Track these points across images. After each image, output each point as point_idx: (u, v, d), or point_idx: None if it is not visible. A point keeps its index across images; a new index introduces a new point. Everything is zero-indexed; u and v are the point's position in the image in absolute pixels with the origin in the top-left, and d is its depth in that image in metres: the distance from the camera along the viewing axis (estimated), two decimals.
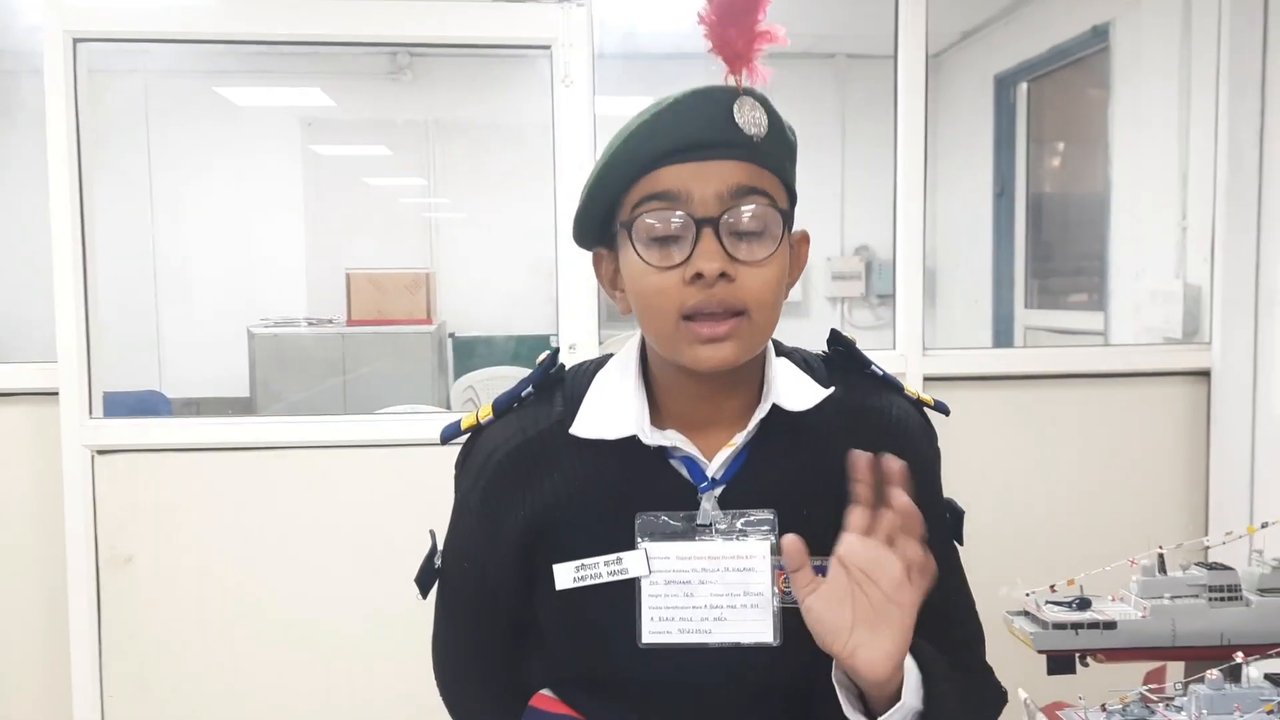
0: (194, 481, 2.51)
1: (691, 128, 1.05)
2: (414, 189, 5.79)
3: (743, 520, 1.11)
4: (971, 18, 4.38)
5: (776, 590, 1.10)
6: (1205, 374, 2.76)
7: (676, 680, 1.11)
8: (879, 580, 1.00)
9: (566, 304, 2.56)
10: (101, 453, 2.47)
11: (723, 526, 1.11)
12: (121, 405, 3.85)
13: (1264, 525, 1.60)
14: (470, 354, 4.97)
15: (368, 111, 5.50)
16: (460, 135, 5.53)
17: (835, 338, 1.24)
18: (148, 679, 2.51)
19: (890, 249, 2.73)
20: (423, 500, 2.47)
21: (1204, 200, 2.78)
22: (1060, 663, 1.60)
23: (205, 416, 4.35)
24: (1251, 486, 2.69)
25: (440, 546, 1.24)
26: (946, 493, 1.30)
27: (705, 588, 1.10)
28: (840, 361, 1.22)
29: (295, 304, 5.30)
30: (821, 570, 1.06)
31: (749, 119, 1.06)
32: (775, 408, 1.12)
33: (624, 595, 1.10)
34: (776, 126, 1.08)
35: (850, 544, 1.02)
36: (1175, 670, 1.77)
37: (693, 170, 1.04)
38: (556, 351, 1.22)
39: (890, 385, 1.22)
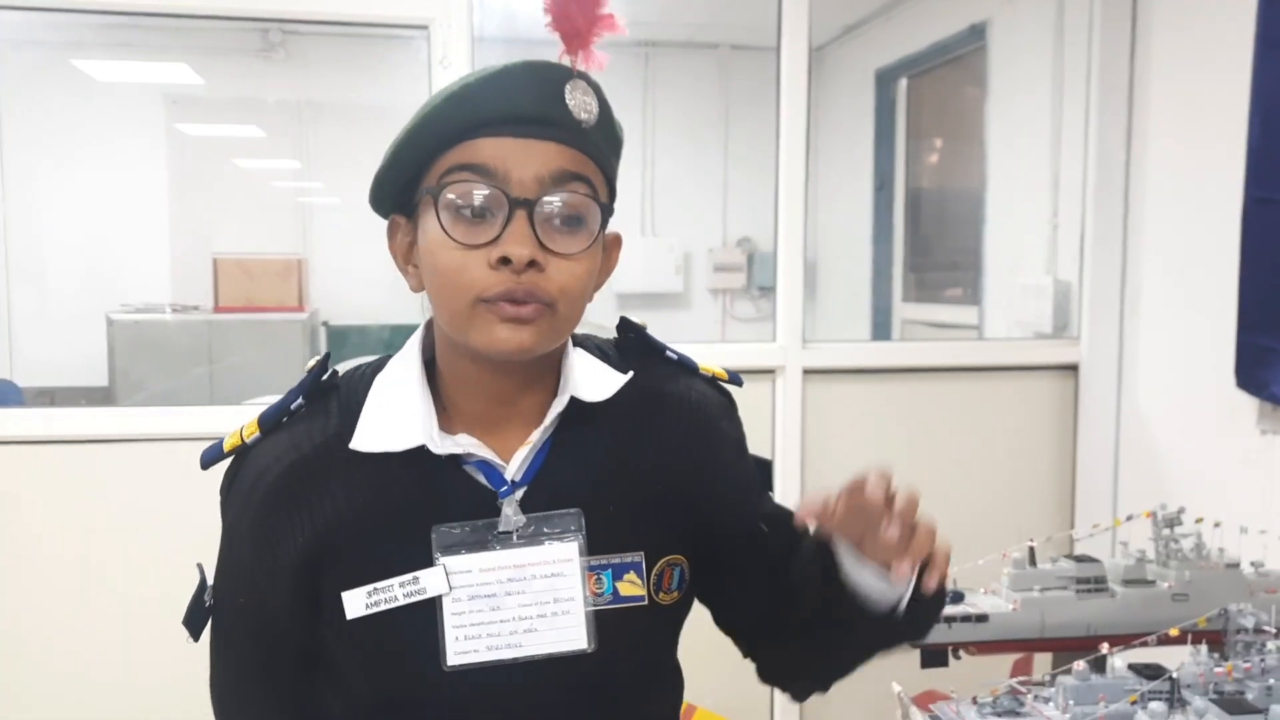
0: (48, 475, 2.40)
1: (518, 99, 0.97)
2: (287, 172, 5.60)
3: (547, 523, 1.05)
4: (853, 12, 4.42)
5: (588, 593, 1.05)
6: (1074, 368, 2.85)
7: (487, 700, 1.05)
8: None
9: None
10: None
11: (526, 532, 1.04)
12: None
13: (1129, 518, 1.64)
14: (344, 343, 4.86)
15: (237, 90, 5.29)
16: (335, 116, 5.37)
17: (625, 324, 1.20)
18: None
19: (772, 241, 2.74)
20: None
21: (1074, 199, 2.86)
22: (934, 656, 1.62)
23: (61, 407, 4.14)
24: (1115, 478, 2.78)
25: (210, 582, 1.13)
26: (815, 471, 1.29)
27: (512, 599, 1.04)
28: (634, 347, 1.18)
29: (159, 289, 5.07)
30: (633, 567, 1.07)
31: (580, 102, 0.99)
32: (573, 400, 1.06)
33: (424, 617, 1.02)
34: (606, 117, 1.02)
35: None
36: (1043, 660, 1.81)
37: (514, 146, 0.97)
38: (327, 356, 1.11)
39: (686, 368, 1.19)
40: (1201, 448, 2.48)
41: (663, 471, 1.11)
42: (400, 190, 1.04)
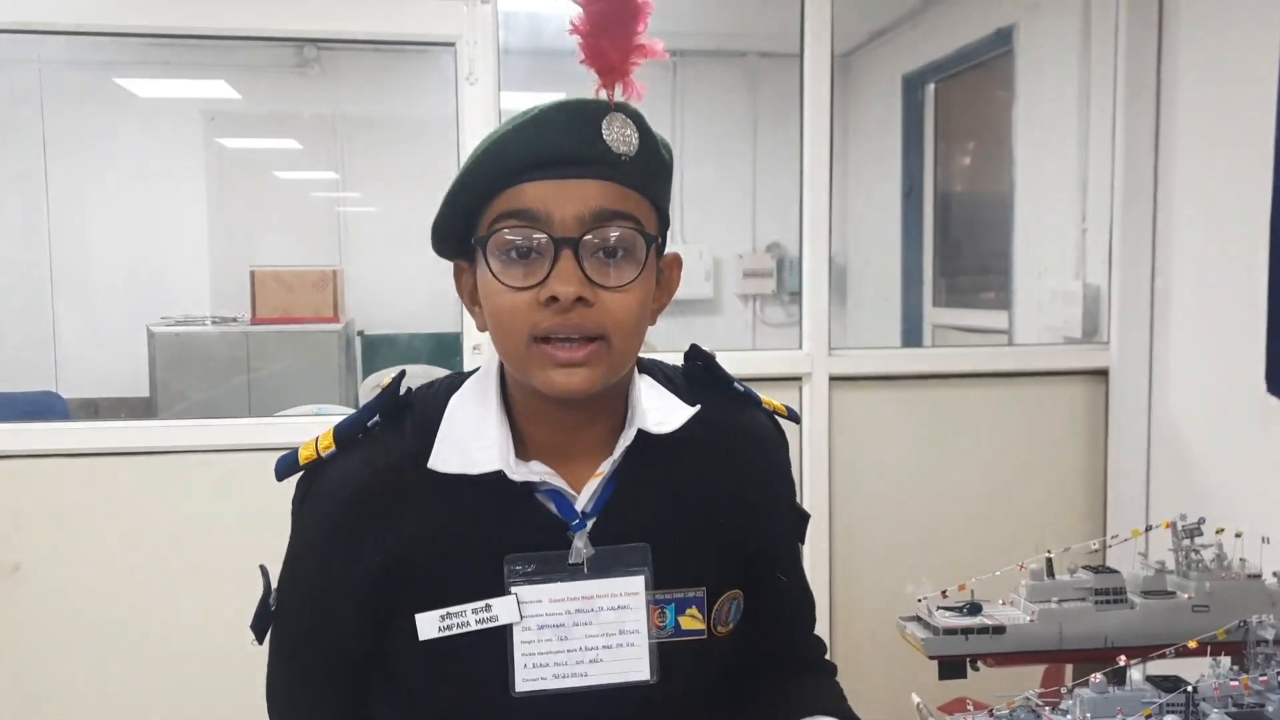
0: (88, 487, 2.44)
1: (555, 143, 0.99)
2: (324, 183, 5.67)
3: (615, 556, 1.07)
4: (880, 18, 4.41)
5: (652, 626, 1.07)
6: (1104, 373, 2.82)
7: None
8: None
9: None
10: None
11: (595, 564, 1.06)
12: (14, 406, 3.74)
13: (1148, 529, 1.64)
14: (379, 352, 4.92)
15: (274, 105, 5.37)
16: (370, 129, 5.44)
17: (695, 352, 1.22)
18: (32, 693, 2.43)
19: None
20: None
21: (1103, 203, 2.84)
22: (951, 667, 1.62)
23: (103, 418, 4.23)
24: (1147, 484, 2.76)
25: (274, 585, 1.16)
26: (845, 488, 1.32)
27: (580, 629, 1.06)
28: (700, 376, 1.20)
29: (198, 302, 5.16)
30: (696, 602, 1.08)
31: (618, 136, 1.00)
32: (641, 432, 1.08)
33: (495, 643, 1.05)
34: (649, 145, 1.03)
35: None
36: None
37: (554, 188, 0.99)
38: (402, 374, 1.14)
39: (750, 400, 1.22)
40: (1234, 453, 2.46)
41: (727, 506, 1.13)
42: (459, 237, 1.07)
